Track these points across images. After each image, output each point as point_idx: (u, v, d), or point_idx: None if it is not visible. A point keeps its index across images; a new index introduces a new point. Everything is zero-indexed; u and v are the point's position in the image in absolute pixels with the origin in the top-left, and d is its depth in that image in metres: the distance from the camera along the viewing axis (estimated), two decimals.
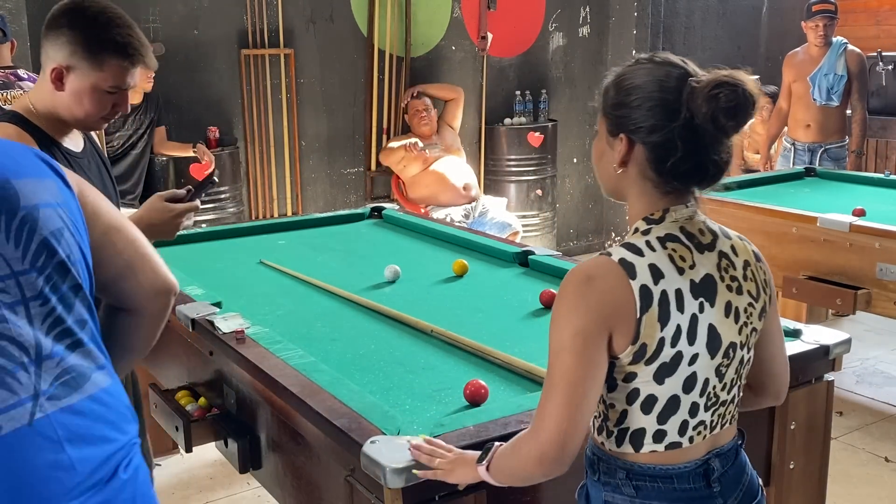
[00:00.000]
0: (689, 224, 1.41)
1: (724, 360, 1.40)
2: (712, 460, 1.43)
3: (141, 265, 1.51)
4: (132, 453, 1.34)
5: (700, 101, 1.35)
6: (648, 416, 1.38)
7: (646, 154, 1.39)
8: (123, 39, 1.92)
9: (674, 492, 1.40)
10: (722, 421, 1.45)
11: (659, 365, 1.35)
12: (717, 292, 1.39)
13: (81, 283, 1.34)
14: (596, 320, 1.32)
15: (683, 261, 1.37)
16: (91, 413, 1.28)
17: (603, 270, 1.35)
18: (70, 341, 1.29)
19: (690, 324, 1.36)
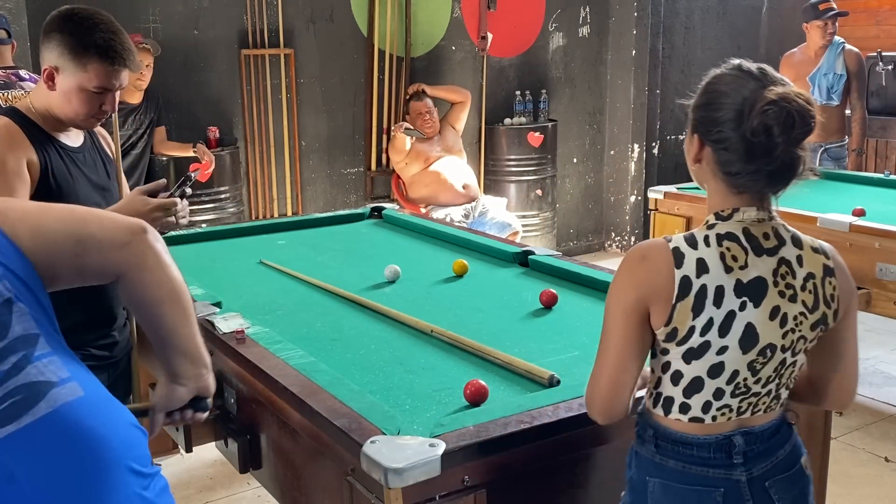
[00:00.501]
0: (754, 227, 1.50)
1: (760, 358, 1.49)
2: (736, 437, 1.52)
3: (89, 232, 1.44)
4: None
5: (754, 115, 1.44)
6: (676, 388, 1.52)
7: (714, 156, 1.51)
8: (106, 43, 2.06)
9: (692, 457, 1.53)
10: (753, 409, 1.54)
11: (687, 348, 1.48)
12: (766, 295, 1.48)
13: (12, 296, 1.29)
14: (638, 297, 1.48)
15: (735, 260, 1.47)
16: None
17: (655, 253, 1.49)
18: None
19: (725, 318, 1.46)
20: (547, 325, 2.37)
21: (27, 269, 1.34)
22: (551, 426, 1.64)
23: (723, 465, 1.52)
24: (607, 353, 1.52)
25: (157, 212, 2.17)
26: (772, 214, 1.52)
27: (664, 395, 1.54)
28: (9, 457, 1.16)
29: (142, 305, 1.49)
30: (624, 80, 6.70)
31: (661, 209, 4.18)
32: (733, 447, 1.52)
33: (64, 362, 1.28)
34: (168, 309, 1.49)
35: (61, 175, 2.14)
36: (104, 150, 2.36)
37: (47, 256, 1.38)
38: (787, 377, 1.54)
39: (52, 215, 1.44)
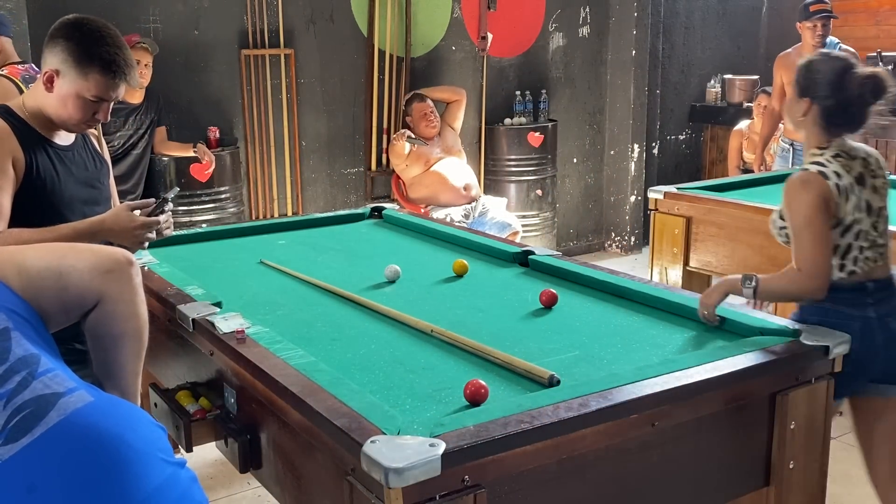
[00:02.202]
0: (843, 148, 2.35)
1: (878, 219, 2.34)
2: (868, 283, 2.31)
3: (69, 264, 1.47)
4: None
5: (856, 85, 2.29)
6: (838, 256, 2.29)
7: (819, 111, 2.34)
8: (110, 56, 2.12)
9: (837, 296, 2.27)
10: (882, 258, 2.34)
11: (843, 227, 2.27)
12: (866, 180, 2.33)
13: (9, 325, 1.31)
14: (818, 205, 2.23)
15: (848, 166, 2.31)
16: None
17: (811, 177, 2.28)
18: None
19: (859, 205, 2.28)
20: (547, 325, 2.37)
21: (23, 304, 1.38)
22: (551, 426, 1.64)
23: (860, 302, 2.29)
24: (810, 249, 2.25)
25: (141, 229, 2.24)
26: (844, 139, 2.37)
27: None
28: (27, 468, 1.17)
29: (105, 335, 1.54)
30: (624, 80, 6.70)
31: (661, 209, 4.18)
32: (866, 289, 2.31)
33: (68, 375, 1.29)
34: (127, 343, 1.57)
35: (47, 173, 2.18)
36: (95, 149, 2.41)
37: (35, 294, 1.42)
38: (887, 229, 2.36)
39: (32, 253, 1.50)
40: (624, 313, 2.44)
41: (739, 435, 2.00)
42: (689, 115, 7.37)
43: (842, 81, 2.29)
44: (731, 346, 2.08)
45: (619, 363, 2.04)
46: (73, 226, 2.17)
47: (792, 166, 5.22)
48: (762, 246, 3.81)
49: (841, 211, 2.25)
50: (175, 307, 2.36)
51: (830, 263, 2.26)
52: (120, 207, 2.27)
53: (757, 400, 2.00)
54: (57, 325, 1.48)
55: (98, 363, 1.58)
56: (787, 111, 2.49)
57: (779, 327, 2.17)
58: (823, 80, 2.32)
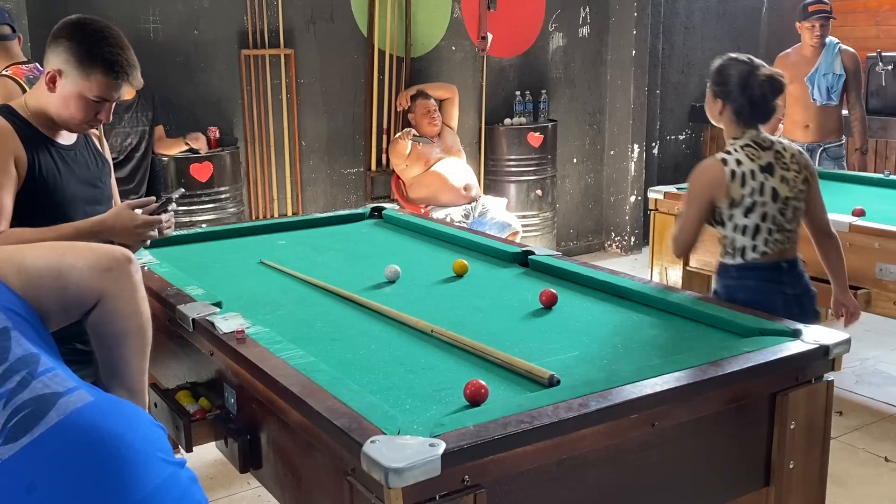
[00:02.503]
0: (755, 138, 2.68)
1: (784, 206, 2.63)
2: (783, 263, 2.65)
3: (68, 263, 1.48)
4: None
5: (758, 85, 2.64)
6: (746, 236, 2.63)
7: (731, 109, 2.69)
8: (113, 57, 2.12)
9: (755, 276, 2.63)
10: (789, 241, 2.67)
11: (744, 208, 2.60)
12: (775, 169, 2.64)
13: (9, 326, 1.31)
14: (708, 195, 2.64)
15: (754, 155, 2.64)
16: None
17: (710, 164, 2.67)
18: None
19: (759, 187, 2.60)
20: (547, 325, 2.37)
21: (22, 304, 1.37)
22: (551, 426, 1.64)
23: (775, 279, 2.64)
24: (686, 223, 2.68)
25: (143, 227, 2.24)
26: (760, 132, 2.70)
27: (736, 246, 2.66)
28: (27, 468, 1.17)
29: (107, 333, 1.54)
30: (624, 80, 6.70)
31: (660, 209, 4.18)
32: (781, 268, 2.65)
33: (68, 375, 1.29)
34: (130, 341, 1.56)
35: (49, 172, 2.19)
36: (96, 149, 2.41)
37: (34, 293, 1.42)
38: (800, 214, 2.70)
39: (31, 252, 1.49)
40: (624, 313, 2.44)
41: (739, 435, 2.00)
42: (689, 115, 7.37)
43: (747, 83, 2.64)
44: (731, 346, 2.08)
45: (619, 363, 2.04)
46: (75, 225, 2.17)
47: None
48: None
49: (732, 192, 2.61)
50: (175, 307, 2.36)
51: (694, 234, 2.69)
52: (121, 206, 2.27)
53: (757, 400, 2.00)
54: (57, 324, 1.48)
55: (103, 362, 1.58)
56: (706, 110, 2.82)
57: (779, 327, 2.17)
58: (732, 82, 2.67)
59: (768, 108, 2.67)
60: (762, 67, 2.66)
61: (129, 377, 1.58)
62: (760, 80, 2.63)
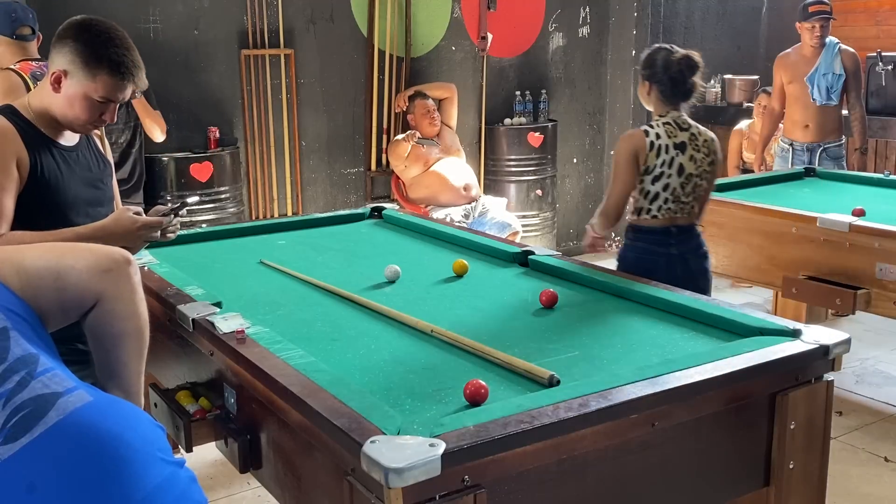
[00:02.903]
0: (677, 119, 3.07)
1: (686, 181, 3.02)
2: (672, 227, 3.05)
3: (67, 264, 1.48)
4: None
5: (675, 65, 3.04)
6: (646, 200, 3.02)
7: (657, 90, 3.07)
8: (118, 58, 2.13)
9: (645, 238, 3.07)
10: (682, 211, 3.05)
11: (653, 175, 2.99)
12: (687, 148, 3.03)
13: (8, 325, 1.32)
14: (632, 155, 2.99)
15: (672, 132, 3.02)
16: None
17: (634, 133, 3.04)
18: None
19: (670, 160, 2.98)
20: (547, 325, 2.37)
21: (21, 304, 1.37)
22: (551, 426, 1.64)
23: (664, 241, 3.04)
24: (614, 188, 3.06)
25: (144, 230, 2.25)
26: (681, 114, 3.09)
27: (641, 207, 3.05)
28: (26, 468, 1.17)
29: (105, 335, 1.54)
30: (624, 80, 6.70)
31: None
32: (670, 232, 3.05)
33: (67, 375, 1.29)
34: (128, 342, 1.56)
35: (51, 173, 2.18)
36: (98, 150, 2.41)
37: (33, 293, 1.42)
38: (699, 191, 3.07)
39: (30, 253, 1.49)
40: (624, 313, 2.44)
41: (739, 435, 2.00)
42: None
43: (668, 64, 3.04)
44: (731, 346, 2.08)
45: (619, 363, 2.04)
46: (76, 230, 2.17)
47: (791, 166, 5.23)
48: (762, 246, 3.82)
49: (649, 160, 2.98)
50: (175, 307, 2.36)
51: (624, 198, 3.05)
52: (121, 210, 2.28)
53: (757, 400, 2.00)
54: (56, 324, 1.48)
55: (100, 363, 1.58)
56: (638, 94, 3.19)
57: (779, 327, 2.17)
58: (657, 65, 3.07)
59: (687, 86, 3.06)
60: (679, 51, 3.07)
61: (126, 378, 1.58)
62: (677, 61, 3.03)
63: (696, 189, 3.04)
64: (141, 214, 2.27)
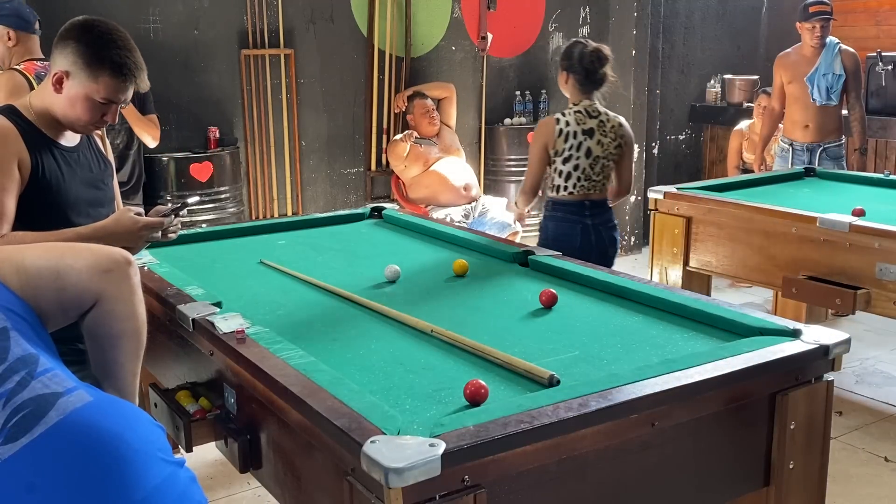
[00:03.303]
0: (588, 107, 3.50)
1: (594, 162, 3.46)
2: (586, 201, 3.50)
3: (67, 263, 1.49)
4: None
5: (587, 58, 3.45)
6: (561, 178, 3.47)
7: (572, 80, 3.50)
8: (121, 60, 2.13)
9: (563, 210, 3.51)
10: (594, 188, 3.51)
11: (563, 158, 3.45)
12: (595, 134, 3.47)
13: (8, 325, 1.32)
14: (543, 142, 3.49)
15: (581, 120, 3.46)
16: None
17: (546, 121, 3.58)
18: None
19: (578, 145, 3.42)
20: (547, 325, 2.37)
21: (21, 304, 1.37)
22: (551, 426, 1.64)
23: (579, 213, 3.50)
24: (529, 172, 3.56)
25: (145, 230, 2.25)
26: (593, 102, 3.52)
27: (556, 184, 3.51)
28: (27, 468, 1.17)
29: (103, 335, 1.54)
30: (624, 80, 6.69)
31: (661, 209, 4.18)
32: (584, 205, 3.51)
33: (67, 375, 1.29)
34: (125, 343, 1.56)
35: (53, 174, 2.18)
36: (99, 150, 2.41)
37: (33, 293, 1.42)
38: (608, 170, 3.55)
39: (30, 253, 1.50)
40: (624, 313, 2.44)
41: (739, 435, 2.00)
42: (689, 115, 7.36)
43: (581, 57, 3.48)
44: (731, 346, 2.08)
45: (619, 363, 2.04)
46: (77, 231, 2.17)
47: (791, 166, 5.23)
48: (762, 246, 3.82)
49: (557, 145, 3.46)
50: (175, 307, 2.36)
51: (538, 178, 3.53)
52: (122, 210, 2.27)
53: (757, 400, 2.00)
54: (55, 324, 1.48)
55: (96, 363, 1.58)
56: (558, 83, 3.62)
57: (779, 327, 2.17)
58: (573, 57, 3.50)
59: (598, 76, 3.49)
60: (591, 45, 3.50)
61: (122, 379, 1.58)
62: (589, 53, 3.46)
63: (604, 169, 3.52)
64: (142, 215, 2.27)
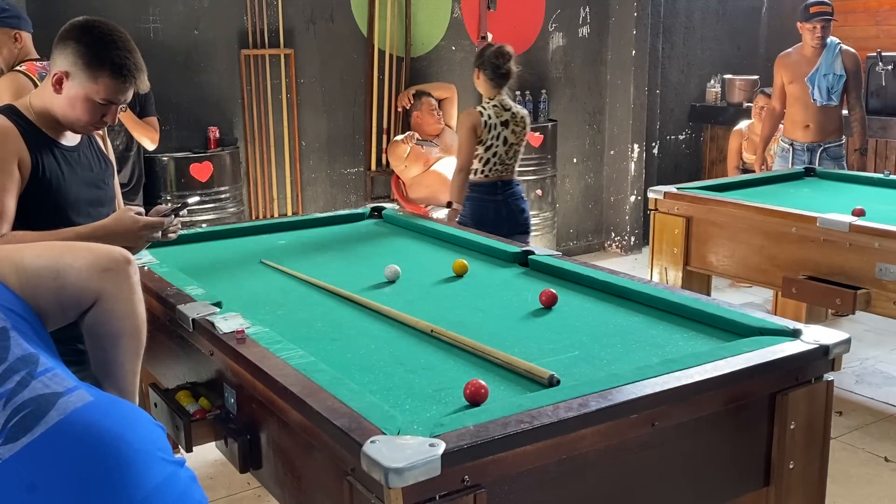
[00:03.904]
0: (501, 101, 4.09)
1: (508, 149, 4.09)
2: (499, 182, 4.10)
3: (66, 262, 1.48)
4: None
5: (493, 56, 4.03)
6: (479, 164, 4.06)
7: (484, 76, 4.08)
8: (121, 61, 2.13)
9: (480, 190, 4.09)
10: (506, 170, 4.12)
11: (485, 146, 4.05)
12: (509, 125, 4.07)
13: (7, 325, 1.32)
14: (472, 127, 4.04)
15: (499, 113, 4.06)
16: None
17: (472, 112, 4.08)
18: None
19: (497, 135, 4.05)
20: (547, 325, 2.37)
21: (20, 303, 1.37)
22: (551, 426, 1.64)
23: (493, 192, 4.08)
24: (460, 158, 4.08)
25: (146, 230, 2.24)
26: (504, 97, 4.08)
27: (476, 168, 4.06)
28: (27, 467, 1.17)
29: (103, 334, 1.54)
30: (624, 80, 6.70)
31: (660, 209, 4.18)
32: (497, 185, 4.09)
33: (67, 375, 1.29)
34: (125, 342, 1.56)
35: (53, 174, 2.18)
36: (100, 150, 2.40)
37: (32, 292, 1.42)
38: (518, 155, 4.15)
39: (30, 252, 1.50)
40: (624, 313, 2.44)
41: (739, 435, 2.00)
42: (689, 115, 7.37)
43: (489, 55, 4.04)
44: (731, 346, 2.08)
45: (619, 363, 2.04)
46: (76, 230, 2.17)
47: (792, 166, 5.23)
48: (762, 246, 3.82)
49: (482, 135, 4.02)
50: (175, 307, 2.36)
51: (470, 159, 4.07)
52: (122, 210, 2.27)
53: (757, 400, 2.00)
54: (55, 324, 1.48)
55: (96, 362, 1.58)
56: (473, 81, 4.17)
57: (779, 327, 2.17)
58: (483, 56, 4.08)
59: (503, 71, 4.04)
60: (496, 45, 4.10)
61: (122, 378, 1.58)
62: (495, 52, 4.05)
63: (515, 154, 4.15)
64: (142, 215, 2.27)
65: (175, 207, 2.36)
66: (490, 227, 3.73)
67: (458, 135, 4.10)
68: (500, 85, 4.07)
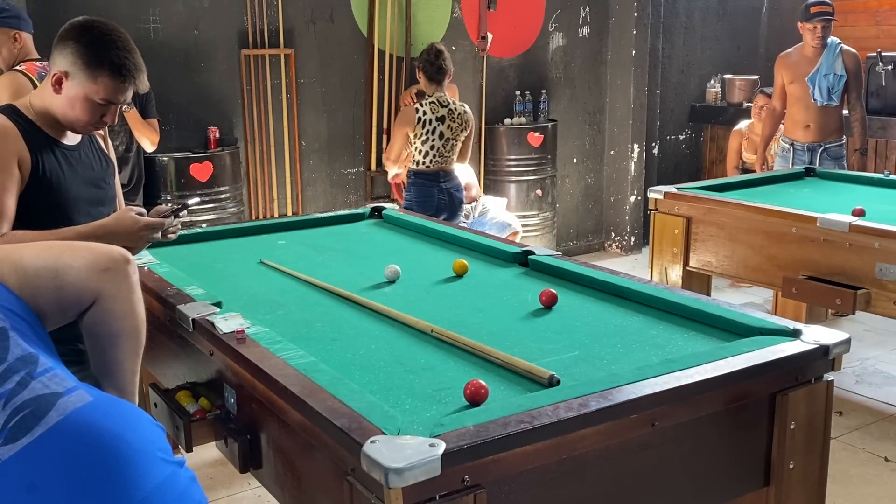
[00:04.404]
0: (440, 98, 4.48)
1: (445, 143, 4.52)
2: (440, 171, 4.53)
3: (65, 262, 1.48)
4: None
5: (431, 55, 4.47)
6: (420, 155, 4.49)
7: (424, 74, 4.54)
8: (120, 61, 2.13)
9: (423, 178, 4.51)
10: (446, 162, 4.53)
11: (422, 140, 4.49)
12: (446, 120, 4.44)
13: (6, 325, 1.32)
14: (405, 127, 4.53)
15: (435, 109, 4.44)
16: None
17: (406, 111, 4.54)
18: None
19: (433, 129, 4.47)
20: (547, 325, 2.37)
21: (20, 303, 1.37)
22: (551, 426, 1.64)
23: (433, 182, 4.50)
24: (393, 144, 4.59)
25: (146, 230, 2.24)
26: (443, 94, 4.48)
27: (416, 159, 4.49)
28: (27, 468, 1.17)
29: (102, 334, 1.54)
30: (624, 80, 6.70)
31: (660, 209, 4.18)
32: (439, 175, 4.51)
33: (67, 375, 1.29)
34: (124, 341, 1.56)
35: (53, 173, 2.18)
36: (100, 149, 2.41)
37: (32, 292, 1.42)
38: (456, 149, 4.55)
39: (29, 252, 1.49)
40: (624, 313, 2.44)
41: (739, 435, 2.00)
42: (689, 115, 7.37)
43: (427, 56, 4.52)
44: (731, 346, 2.08)
45: (619, 363, 2.04)
46: (77, 229, 2.17)
47: (792, 166, 5.23)
48: (762, 246, 3.82)
49: (417, 130, 4.40)
50: (175, 307, 2.36)
51: (400, 153, 4.50)
52: (123, 210, 2.27)
53: (757, 400, 2.00)
54: (54, 323, 1.48)
55: (96, 362, 1.58)
56: (418, 80, 4.58)
57: (779, 327, 2.17)
58: (420, 56, 4.57)
59: (436, 66, 4.42)
60: (432, 45, 4.50)
61: (121, 378, 1.58)
62: (428, 50, 4.44)
63: (453, 147, 4.52)
64: (143, 215, 2.27)
65: (175, 208, 2.36)
66: (433, 211, 4.33)
67: (393, 126, 4.64)
68: (438, 81, 4.45)
